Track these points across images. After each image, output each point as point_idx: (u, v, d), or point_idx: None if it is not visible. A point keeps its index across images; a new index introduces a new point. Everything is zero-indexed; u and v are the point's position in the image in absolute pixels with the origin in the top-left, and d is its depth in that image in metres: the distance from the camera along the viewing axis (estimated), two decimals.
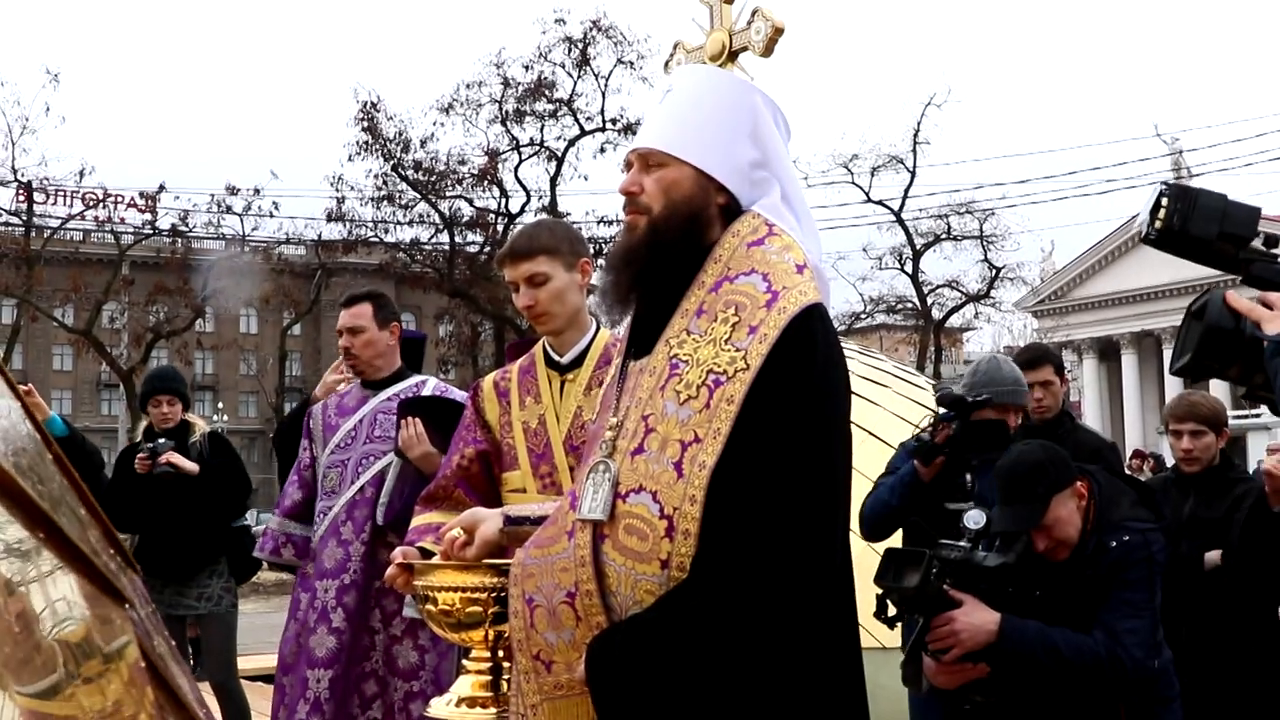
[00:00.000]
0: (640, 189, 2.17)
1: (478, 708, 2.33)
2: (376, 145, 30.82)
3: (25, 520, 0.80)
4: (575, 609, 2.03)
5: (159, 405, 6.23)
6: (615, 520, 2.02)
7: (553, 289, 3.01)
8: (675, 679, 1.93)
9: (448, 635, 2.40)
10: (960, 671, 3.28)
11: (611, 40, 30.58)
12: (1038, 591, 3.36)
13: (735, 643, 1.91)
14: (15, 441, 0.93)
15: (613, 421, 2.12)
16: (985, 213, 35.29)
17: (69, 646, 0.81)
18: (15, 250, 30.67)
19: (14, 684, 0.75)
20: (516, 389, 3.08)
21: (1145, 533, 3.37)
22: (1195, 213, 2.09)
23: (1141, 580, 3.33)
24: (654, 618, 1.95)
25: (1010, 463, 3.46)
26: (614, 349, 3.05)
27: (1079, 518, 3.39)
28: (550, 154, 31.72)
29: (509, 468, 3.03)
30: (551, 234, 3.12)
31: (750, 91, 2.28)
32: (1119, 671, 3.22)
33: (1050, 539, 3.36)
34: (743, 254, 2.11)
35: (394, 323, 4.47)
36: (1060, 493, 3.35)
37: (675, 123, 2.21)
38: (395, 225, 32.38)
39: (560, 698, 2.08)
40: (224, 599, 6.21)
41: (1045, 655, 3.21)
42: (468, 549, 2.33)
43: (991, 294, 37.04)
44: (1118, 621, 3.26)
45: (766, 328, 2.01)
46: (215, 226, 32.86)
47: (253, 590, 17.52)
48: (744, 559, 1.92)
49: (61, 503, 0.88)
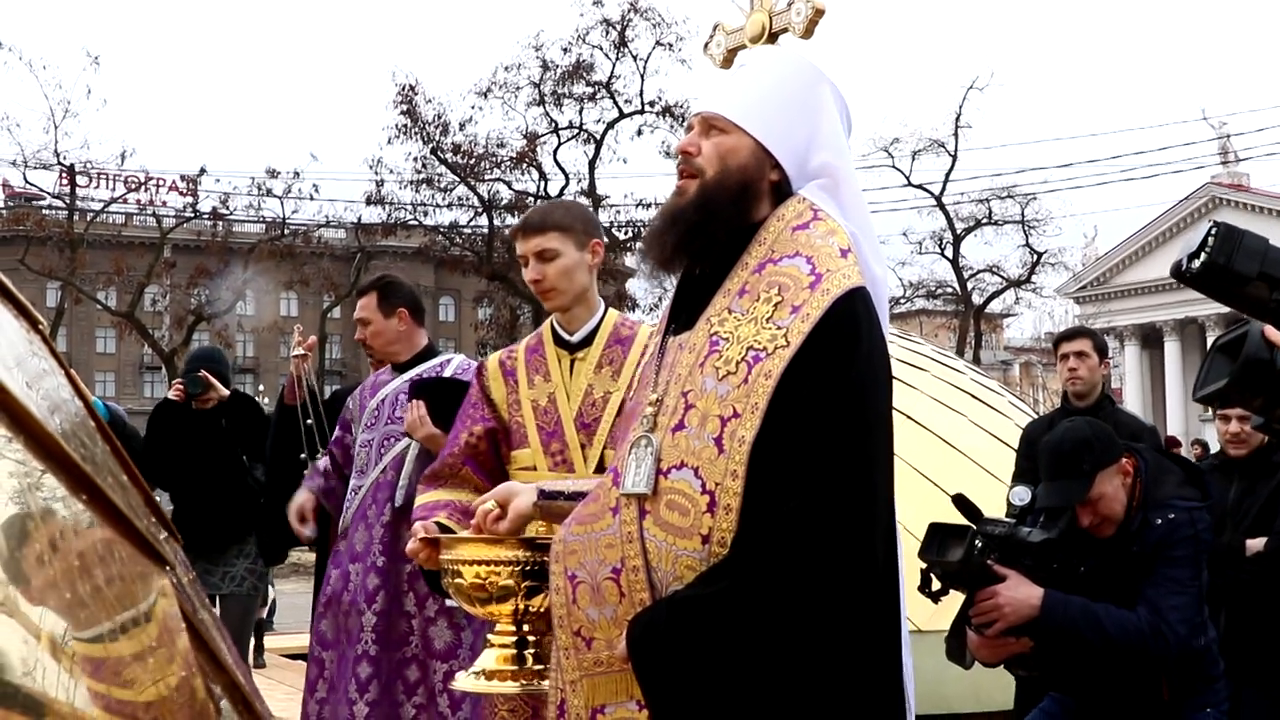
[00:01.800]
0: (697, 150, 2.18)
1: (504, 680, 2.34)
2: (415, 129, 30.88)
3: (70, 484, 0.82)
4: (620, 585, 2.05)
5: None
6: (657, 496, 2.04)
7: (561, 265, 3.02)
8: (718, 655, 1.93)
9: (472, 610, 2.41)
10: (1004, 645, 3.29)
11: (650, 22, 30.46)
12: (1082, 568, 3.36)
13: (777, 617, 1.91)
14: (63, 411, 0.94)
15: (652, 397, 2.13)
16: (1027, 197, 35.01)
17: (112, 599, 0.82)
18: (59, 233, 31.01)
19: (74, 629, 0.77)
20: (524, 368, 3.09)
21: (1191, 511, 3.36)
22: (1240, 250, 2.11)
23: (1187, 558, 3.32)
24: (696, 594, 1.96)
25: (1056, 439, 3.47)
26: (624, 328, 3.08)
27: (1124, 494, 3.39)
28: (589, 137, 31.68)
29: (518, 445, 3.04)
30: (566, 212, 3.17)
31: (822, 80, 2.29)
32: (1163, 647, 3.22)
33: (1095, 515, 3.36)
34: (787, 237, 2.12)
35: (400, 309, 4.40)
36: (1106, 469, 3.35)
37: (742, 93, 2.24)
38: (434, 208, 32.50)
39: (600, 674, 2.09)
40: (246, 580, 6.24)
41: (1089, 630, 3.21)
42: (500, 522, 2.34)
43: (1033, 279, 36.80)
44: (1162, 598, 3.26)
45: (809, 308, 2.02)
46: (256, 209, 33.09)
47: (293, 570, 17.68)
48: (786, 534, 1.92)
49: (105, 468, 0.89)
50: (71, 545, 0.81)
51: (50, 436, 0.80)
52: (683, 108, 29.66)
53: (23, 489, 0.80)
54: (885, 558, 2.05)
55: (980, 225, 35.55)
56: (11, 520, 0.77)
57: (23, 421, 0.78)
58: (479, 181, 31.68)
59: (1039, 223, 35.41)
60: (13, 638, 0.71)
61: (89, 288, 33.09)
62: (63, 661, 0.76)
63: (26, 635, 0.73)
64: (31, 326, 1.01)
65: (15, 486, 0.80)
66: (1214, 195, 45.57)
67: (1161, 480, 3.43)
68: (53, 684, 0.73)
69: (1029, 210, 35.26)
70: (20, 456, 0.82)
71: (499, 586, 2.28)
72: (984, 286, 37.01)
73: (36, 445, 0.80)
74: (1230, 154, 37.91)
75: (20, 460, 0.81)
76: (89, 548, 0.82)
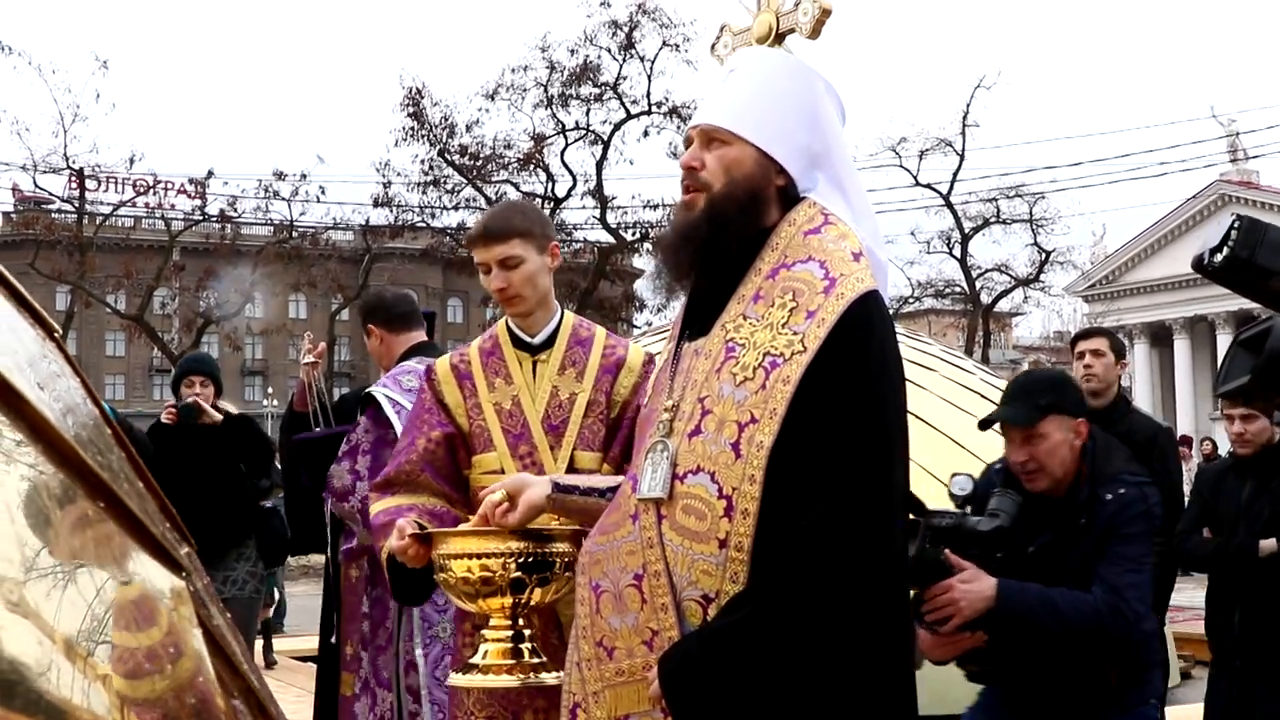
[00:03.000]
0: (701, 165, 2.18)
1: (500, 675, 2.33)
2: (422, 131, 30.88)
3: (87, 491, 0.82)
4: (642, 591, 2.05)
5: (192, 386, 6.30)
6: (673, 500, 2.04)
7: (525, 272, 2.99)
8: (750, 680, 1.94)
9: (465, 605, 2.39)
10: (957, 642, 3.16)
11: (657, 23, 30.38)
12: (1031, 548, 3.25)
13: (803, 636, 1.92)
14: (78, 417, 0.95)
15: (668, 404, 2.14)
16: (1035, 196, 34.89)
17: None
18: (68, 237, 31.04)
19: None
20: (481, 370, 3.04)
21: (1142, 486, 3.29)
22: (1264, 244, 2.09)
23: (1141, 534, 3.23)
24: (725, 624, 1.97)
25: (1025, 373, 3.50)
26: (582, 329, 3.07)
27: (1069, 456, 3.30)
28: (596, 138, 31.66)
29: (482, 449, 2.98)
30: (524, 216, 3.11)
31: (813, 77, 2.29)
32: (1122, 627, 3.12)
33: (1033, 457, 3.27)
34: (799, 242, 2.13)
35: (368, 325, 4.60)
36: (1060, 414, 3.29)
37: (739, 102, 2.23)
38: (442, 210, 32.48)
39: (621, 684, 2.10)
40: (248, 583, 6.25)
41: (1046, 616, 3.11)
42: (510, 514, 2.34)
43: (1041, 278, 36.67)
44: (1118, 576, 3.16)
45: (825, 312, 2.03)
46: (263, 212, 33.09)
47: (303, 572, 17.70)
48: (807, 550, 1.93)
49: (121, 475, 0.90)
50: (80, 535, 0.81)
51: (67, 443, 0.81)
52: (690, 108, 29.62)
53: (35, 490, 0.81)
54: (901, 563, 2.06)
55: (988, 224, 35.48)
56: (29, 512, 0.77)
57: (39, 428, 0.79)
58: (486, 183, 31.65)
59: (1047, 221, 35.33)
60: (28, 639, 0.72)
61: (98, 291, 33.10)
62: (77, 663, 0.77)
63: (41, 637, 0.73)
64: (47, 335, 1.01)
65: (27, 490, 0.80)
66: (1223, 193, 45.45)
67: (1111, 456, 3.36)
68: (68, 685, 0.74)
69: (1037, 209, 35.17)
70: (31, 460, 0.82)
71: (507, 579, 2.27)
72: (992, 285, 36.93)
73: (53, 451, 0.80)
74: (1239, 151, 37.77)
75: (32, 464, 0.82)
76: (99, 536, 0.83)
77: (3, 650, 0.64)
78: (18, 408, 0.79)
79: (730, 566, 1.98)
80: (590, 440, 2.95)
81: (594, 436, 2.95)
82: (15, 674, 0.65)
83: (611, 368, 3.02)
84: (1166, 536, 4.84)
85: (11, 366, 0.80)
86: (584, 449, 2.94)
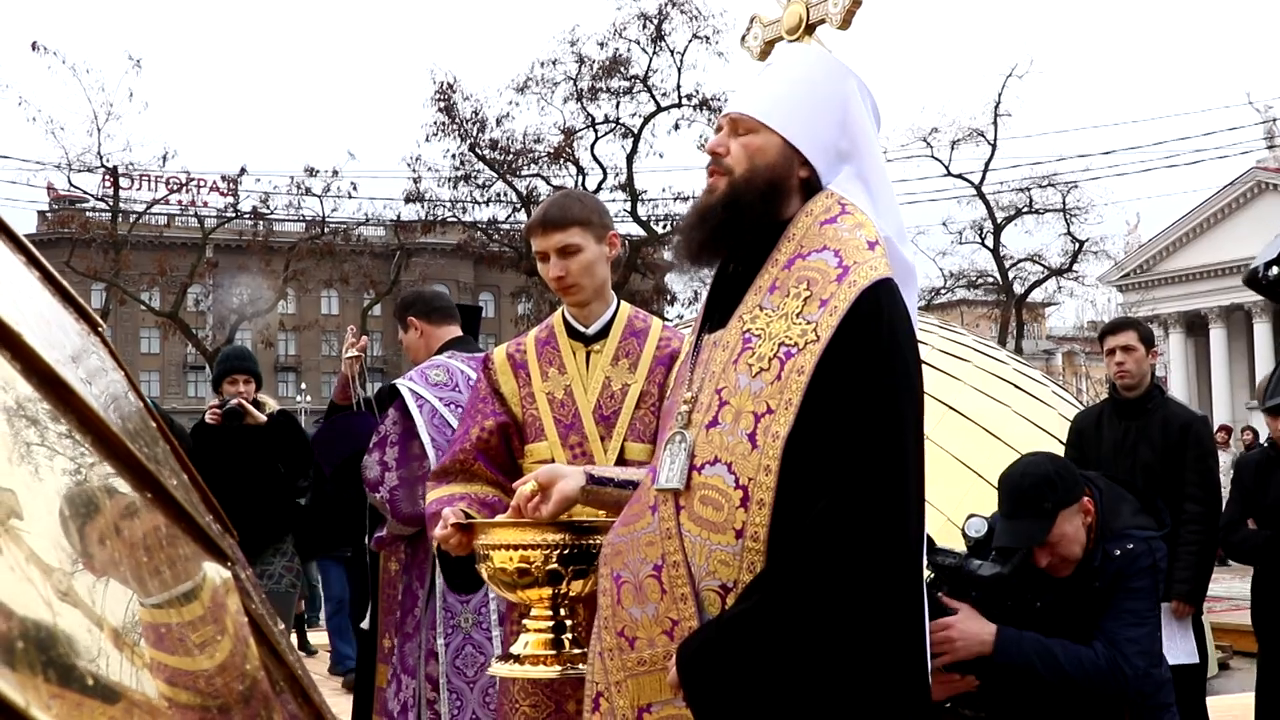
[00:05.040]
0: (726, 150, 2.21)
1: (538, 665, 2.35)
2: (453, 126, 30.97)
3: (134, 482, 0.84)
4: (661, 581, 2.07)
5: (235, 384, 6.37)
6: (690, 491, 2.06)
7: (584, 260, 2.98)
8: (767, 667, 1.94)
9: (506, 594, 2.40)
10: (948, 682, 3.12)
11: (687, 15, 30.36)
12: (1039, 603, 3.22)
13: (818, 624, 1.93)
14: (123, 409, 0.96)
15: (687, 395, 2.15)
16: (1068, 185, 34.62)
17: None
18: (103, 235, 31.33)
19: (140, 593, 0.79)
20: (536, 360, 3.04)
21: (1149, 540, 3.24)
22: None
23: (1146, 589, 3.20)
24: (740, 611, 1.98)
25: (1017, 474, 3.25)
26: (637, 320, 3.06)
27: (1084, 535, 3.21)
28: (626, 131, 31.66)
29: (534, 439, 2.99)
30: (583, 205, 3.09)
31: (847, 76, 2.31)
32: (1120, 682, 3.09)
33: (1054, 555, 3.19)
34: (815, 231, 2.14)
35: (408, 318, 4.65)
36: (1068, 508, 3.17)
37: (769, 93, 2.26)
38: (473, 205, 32.58)
39: (643, 673, 2.11)
40: (284, 578, 6.31)
41: (1044, 668, 3.07)
42: (544, 505, 2.36)
43: (1074, 268, 36.39)
44: (1119, 631, 3.13)
45: (837, 300, 2.03)
46: (295, 208, 33.28)
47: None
48: (821, 537, 1.93)
49: (166, 466, 0.92)
50: (131, 529, 0.83)
51: (114, 434, 0.82)
52: (720, 100, 29.59)
53: (82, 480, 0.83)
54: (916, 547, 2.06)
55: (1021, 214, 35.23)
56: (74, 505, 0.79)
57: (88, 419, 0.81)
58: (517, 177, 31.73)
59: (1080, 210, 35.06)
60: (77, 626, 0.73)
61: (133, 289, 33.36)
62: (125, 650, 0.78)
63: (90, 624, 0.75)
64: (91, 329, 1.03)
65: (77, 480, 0.82)
66: (1259, 180, 44.99)
67: (1117, 510, 3.29)
68: (117, 671, 0.75)
69: (1070, 198, 34.90)
70: (81, 451, 0.84)
71: (544, 570, 2.29)
72: (1025, 276, 36.68)
73: (101, 442, 0.82)
74: (1277, 138, 37.37)
75: (82, 454, 0.84)
76: (149, 530, 0.85)
77: (57, 635, 0.66)
78: (66, 399, 0.81)
79: (747, 556, 1.99)
80: (641, 432, 2.92)
81: (645, 428, 2.92)
82: (71, 657, 0.66)
83: (665, 360, 2.98)
84: (1209, 526, 4.81)
85: (60, 360, 0.82)
86: (635, 440, 2.91)
